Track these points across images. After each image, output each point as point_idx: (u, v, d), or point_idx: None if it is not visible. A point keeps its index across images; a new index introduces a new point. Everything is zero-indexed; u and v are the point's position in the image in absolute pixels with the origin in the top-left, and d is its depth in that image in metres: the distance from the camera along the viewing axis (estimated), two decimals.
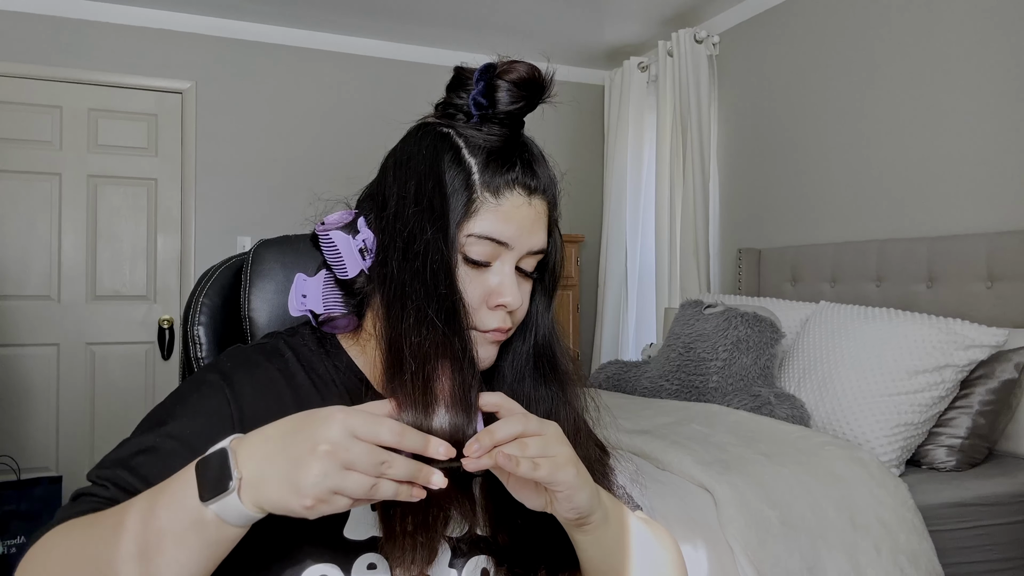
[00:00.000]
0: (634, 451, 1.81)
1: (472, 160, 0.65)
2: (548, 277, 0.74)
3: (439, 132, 0.67)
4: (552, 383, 0.72)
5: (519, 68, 0.66)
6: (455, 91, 0.69)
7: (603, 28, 3.73)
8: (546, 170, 0.70)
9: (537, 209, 0.68)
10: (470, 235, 0.64)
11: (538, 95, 0.68)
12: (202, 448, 0.56)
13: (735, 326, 2.30)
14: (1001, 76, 2.29)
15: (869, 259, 2.60)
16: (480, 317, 0.67)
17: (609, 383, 2.77)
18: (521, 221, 0.66)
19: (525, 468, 0.56)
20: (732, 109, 3.48)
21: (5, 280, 3.31)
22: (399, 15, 3.55)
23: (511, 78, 0.66)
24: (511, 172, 0.66)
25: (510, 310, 0.68)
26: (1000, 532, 1.80)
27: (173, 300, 3.59)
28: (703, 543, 1.47)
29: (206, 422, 0.63)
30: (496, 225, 0.65)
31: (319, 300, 0.68)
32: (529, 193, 0.67)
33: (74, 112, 3.42)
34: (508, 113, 0.67)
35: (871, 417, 1.92)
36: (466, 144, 0.66)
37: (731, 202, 3.49)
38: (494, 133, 0.67)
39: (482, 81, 0.66)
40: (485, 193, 0.65)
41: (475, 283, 0.66)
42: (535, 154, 0.70)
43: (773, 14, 3.23)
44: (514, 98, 0.66)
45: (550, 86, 0.68)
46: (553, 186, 0.71)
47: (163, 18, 3.51)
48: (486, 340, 0.68)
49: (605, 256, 4.08)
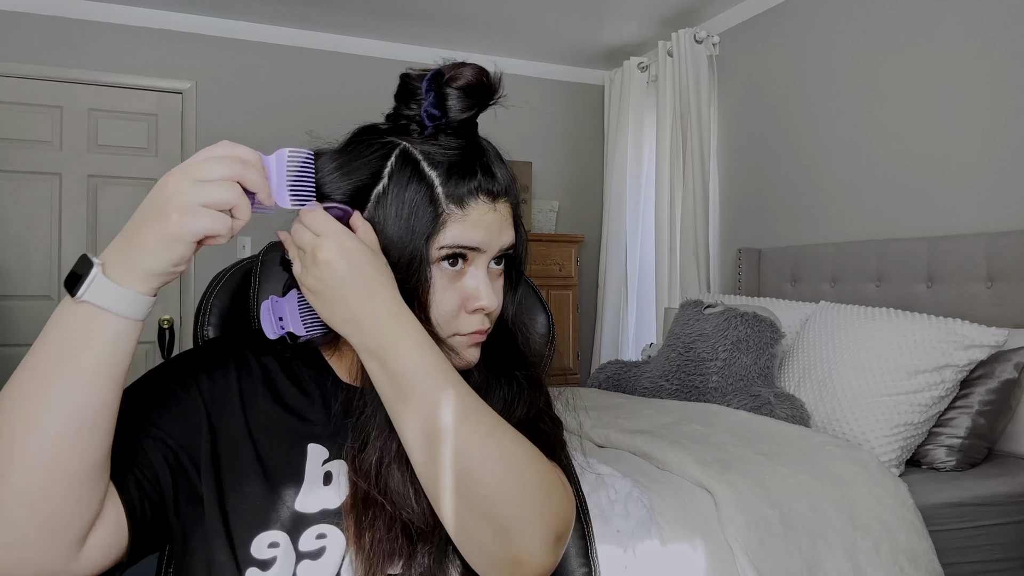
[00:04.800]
0: (634, 451, 1.81)
1: (433, 173, 0.65)
2: (514, 272, 0.75)
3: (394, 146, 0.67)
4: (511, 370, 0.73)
5: (466, 73, 0.65)
6: (405, 102, 0.68)
7: (603, 28, 3.73)
8: (505, 170, 0.70)
9: (502, 213, 0.68)
10: (441, 247, 0.65)
11: (488, 98, 0.67)
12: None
13: (735, 326, 2.30)
14: (1000, 76, 2.29)
15: (869, 259, 2.60)
16: (460, 322, 0.68)
17: (609, 383, 2.77)
18: (489, 226, 0.67)
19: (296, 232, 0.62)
20: (732, 109, 3.48)
21: (5, 280, 3.31)
22: (399, 15, 3.55)
23: (460, 84, 0.65)
24: (472, 181, 0.66)
25: (487, 312, 0.69)
26: (1000, 532, 1.80)
27: (173, 300, 3.59)
28: (703, 543, 1.47)
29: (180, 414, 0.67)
30: (465, 233, 0.66)
31: (298, 322, 0.67)
32: (493, 199, 0.67)
33: (74, 112, 3.42)
34: (460, 121, 0.67)
35: (871, 417, 1.92)
36: (425, 157, 0.66)
37: (731, 202, 3.49)
38: (452, 144, 0.67)
39: (431, 92, 0.66)
40: (450, 205, 0.65)
41: (451, 291, 0.67)
42: (492, 156, 0.70)
43: (773, 14, 3.23)
44: (465, 105, 0.66)
45: (499, 87, 0.67)
46: (514, 184, 0.71)
47: (163, 18, 3.52)
48: (467, 343, 0.69)
49: (605, 256, 4.08)
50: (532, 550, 0.60)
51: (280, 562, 0.64)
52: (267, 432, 0.69)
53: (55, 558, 0.55)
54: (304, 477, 0.67)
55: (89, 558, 0.57)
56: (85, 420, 0.53)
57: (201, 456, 0.65)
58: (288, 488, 0.66)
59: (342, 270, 0.60)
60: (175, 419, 0.65)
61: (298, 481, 0.67)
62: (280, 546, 0.64)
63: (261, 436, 0.68)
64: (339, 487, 0.67)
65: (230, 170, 0.55)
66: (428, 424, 0.59)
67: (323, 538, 0.65)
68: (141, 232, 0.53)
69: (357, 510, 0.64)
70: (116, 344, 0.54)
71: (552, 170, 4.34)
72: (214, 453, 0.66)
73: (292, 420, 0.70)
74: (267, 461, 0.67)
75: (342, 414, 0.68)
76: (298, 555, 0.64)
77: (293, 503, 0.66)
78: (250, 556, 0.64)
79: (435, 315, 0.66)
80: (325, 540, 0.65)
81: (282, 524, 0.65)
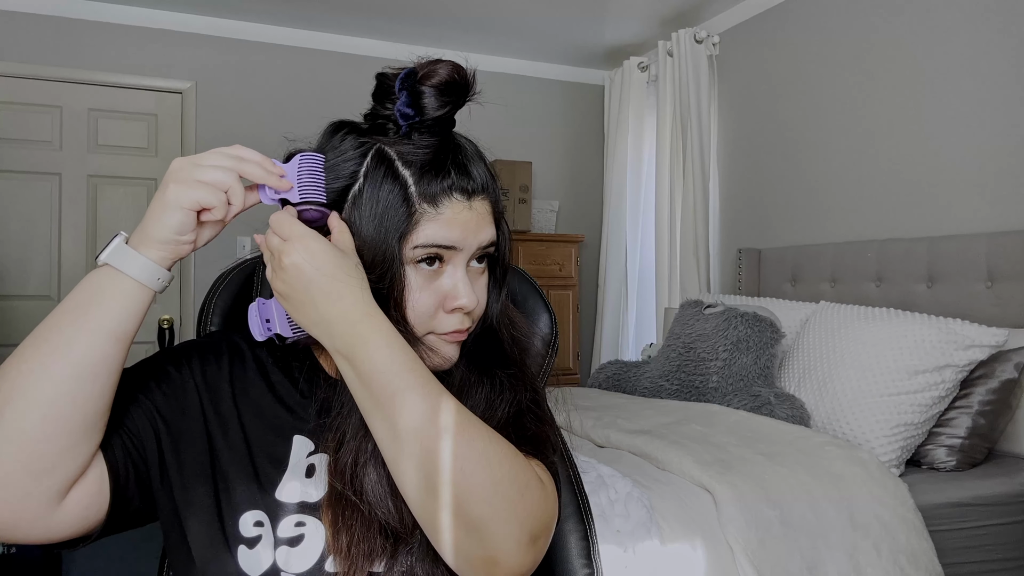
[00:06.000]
0: (634, 451, 1.81)
1: (406, 172, 0.65)
2: (498, 269, 0.74)
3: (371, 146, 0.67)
4: (493, 370, 0.73)
5: (440, 71, 0.65)
6: (381, 101, 0.68)
7: (603, 28, 3.73)
8: (483, 169, 0.69)
9: (479, 210, 0.68)
10: (416, 246, 0.65)
11: (463, 95, 0.67)
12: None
13: (735, 326, 2.30)
14: (1001, 76, 2.29)
15: (869, 259, 2.60)
16: (438, 321, 0.68)
17: (609, 383, 2.77)
18: (465, 224, 0.67)
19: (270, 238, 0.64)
20: (732, 109, 3.49)
21: (5, 280, 3.31)
22: (399, 15, 3.55)
23: (434, 83, 0.65)
24: (446, 179, 0.66)
25: (467, 311, 0.69)
26: (1000, 532, 1.80)
27: (173, 301, 3.59)
28: (703, 543, 1.47)
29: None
30: (439, 231, 0.65)
31: (285, 323, 0.68)
32: (468, 197, 0.67)
33: (74, 112, 3.42)
34: (436, 119, 0.67)
35: (871, 417, 1.92)
36: (399, 157, 0.66)
37: (731, 202, 3.49)
38: (425, 143, 0.67)
39: (404, 90, 0.66)
40: (423, 204, 0.65)
41: (428, 290, 0.67)
42: (469, 155, 0.69)
43: (773, 14, 3.23)
44: (439, 103, 0.66)
45: (473, 83, 0.67)
46: (494, 181, 0.71)
47: (163, 18, 3.52)
48: (445, 342, 0.69)
49: (605, 256, 4.08)
50: (506, 549, 0.60)
51: (264, 540, 0.65)
52: (256, 419, 0.70)
53: (34, 505, 0.57)
54: (287, 467, 0.68)
55: (68, 514, 0.59)
56: (85, 369, 0.57)
57: (190, 434, 0.67)
58: (271, 475, 0.67)
59: (308, 272, 0.61)
60: (166, 395, 0.67)
61: (281, 470, 0.68)
62: (264, 526, 0.66)
63: (250, 422, 0.70)
64: (320, 481, 0.68)
65: (228, 161, 0.62)
66: (397, 423, 0.60)
67: (302, 526, 0.66)
68: (150, 208, 0.61)
69: (334, 509, 0.65)
70: (124, 304, 0.59)
71: (552, 170, 4.34)
72: (206, 432, 0.68)
73: (281, 410, 0.71)
74: (254, 447, 0.68)
75: (324, 410, 0.69)
76: (276, 540, 0.65)
77: (274, 491, 0.67)
78: (238, 533, 0.65)
79: (411, 315, 0.67)
80: (304, 528, 0.66)
81: (266, 506, 0.66)
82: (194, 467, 0.66)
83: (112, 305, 0.59)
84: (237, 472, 0.67)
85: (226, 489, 0.66)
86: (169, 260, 0.61)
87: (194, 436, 0.67)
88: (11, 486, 0.56)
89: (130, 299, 0.59)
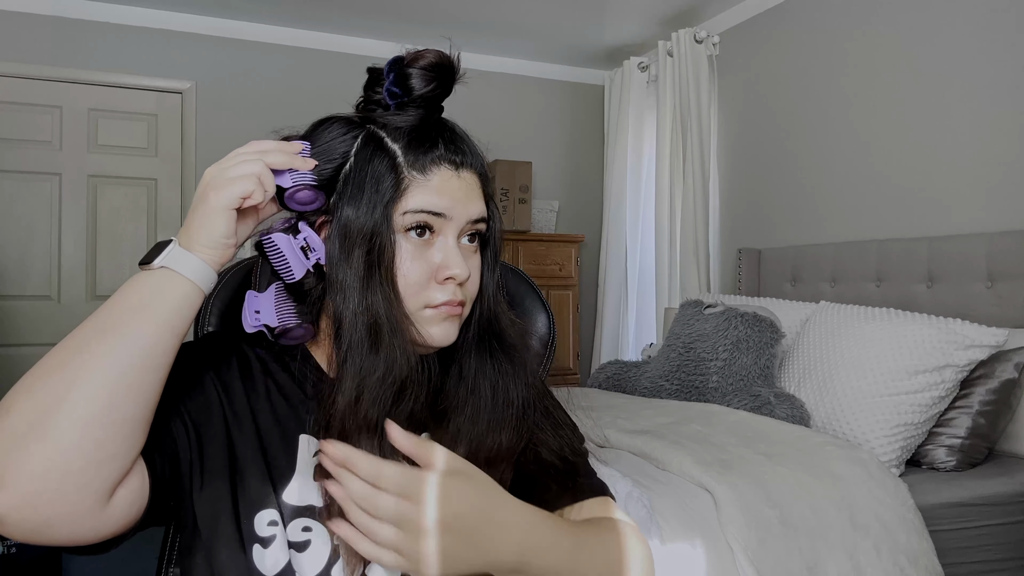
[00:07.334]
0: (634, 451, 1.81)
1: (395, 146, 0.68)
2: (489, 251, 0.75)
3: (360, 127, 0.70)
4: (498, 356, 0.74)
5: (427, 55, 0.68)
6: (371, 89, 0.72)
7: (603, 28, 3.73)
8: (471, 147, 0.72)
9: (467, 181, 0.70)
10: (405, 212, 0.67)
11: (450, 77, 0.70)
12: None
13: (735, 326, 2.30)
14: (1001, 76, 2.29)
15: (869, 259, 2.60)
16: (429, 293, 0.69)
17: (609, 383, 2.77)
18: (454, 192, 0.68)
19: (356, 516, 0.60)
20: (732, 109, 3.48)
21: (5, 280, 3.31)
22: (399, 15, 3.55)
23: (421, 64, 0.68)
24: (435, 150, 0.68)
25: (459, 282, 0.69)
26: (1000, 532, 1.80)
27: None
28: (703, 543, 1.47)
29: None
30: (428, 198, 0.67)
31: (273, 313, 0.69)
32: (456, 167, 0.69)
33: (74, 112, 3.42)
34: (423, 97, 0.69)
35: (871, 417, 1.92)
36: (387, 133, 0.68)
37: (731, 202, 3.49)
38: (411, 115, 0.69)
39: (392, 72, 0.68)
40: (412, 172, 0.67)
41: (419, 260, 0.68)
42: (458, 133, 0.71)
43: (773, 14, 3.23)
44: (427, 81, 0.68)
45: (459, 67, 0.70)
46: (481, 161, 0.72)
47: (163, 18, 3.52)
48: (439, 316, 0.69)
49: (605, 256, 4.08)
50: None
51: (279, 540, 0.66)
52: (267, 417, 0.70)
53: (89, 499, 0.55)
54: (296, 467, 0.69)
55: (115, 511, 0.58)
56: (151, 360, 0.58)
57: (213, 431, 0.67)
58: (281, 476, 0.68)
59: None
60: (194, 400, 0.67)
61: (291, 470, 0.69)
62: (278, 526, 0.66)
63: (262, 420, 0.70)
64: None
65: (251, 155, 0.64)
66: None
67: (308, 531, 0.67)
68: (192, 216, 0.62)
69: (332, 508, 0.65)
70: (182, 304, 0.60)
71: (552, 170, 4.33)
72: (226, 429, 0.68)
73: (287, 409, 0.71)
74: (267, 445, 0.69)
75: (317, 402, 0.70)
76: (287, 543, 0.66)
77: (283, 492, 0.68)
78: (254, 532, 0.65)
79: (403, 285, 0.67)
80: (310, 534, 0.67)
81: (278, 506, 0.67)
82: (215, 465, 0.66)
83: (172, 302, 0.60)
84: (252, 471, 0.67)
85: (243, 488, 0.67)
86: (218, 263, 0.63)
87: (216, 433, 0.67)
88: (72, 475, 0.54)
89: (187, 300, 0.61)
